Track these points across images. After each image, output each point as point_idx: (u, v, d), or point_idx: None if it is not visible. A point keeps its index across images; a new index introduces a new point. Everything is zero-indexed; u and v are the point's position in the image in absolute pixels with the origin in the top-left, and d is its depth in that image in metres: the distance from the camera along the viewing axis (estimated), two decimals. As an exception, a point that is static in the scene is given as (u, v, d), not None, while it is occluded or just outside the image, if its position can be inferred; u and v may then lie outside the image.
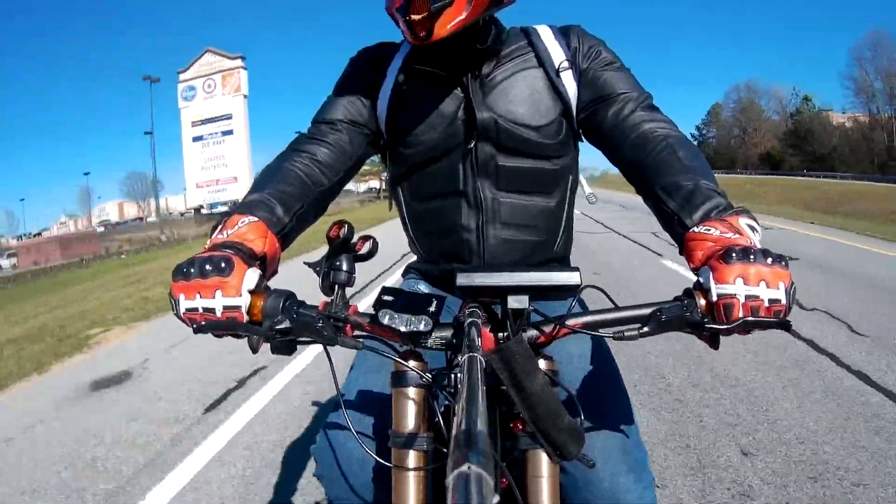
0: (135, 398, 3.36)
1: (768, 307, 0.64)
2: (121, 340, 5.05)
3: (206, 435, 2.68)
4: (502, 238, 1.01)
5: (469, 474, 0.33)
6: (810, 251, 8.09)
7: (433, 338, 0.70)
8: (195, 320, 0.68)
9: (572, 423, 0.57)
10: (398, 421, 0.74)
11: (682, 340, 3.48)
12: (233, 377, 3.49)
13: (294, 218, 0.89)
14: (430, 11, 0.82)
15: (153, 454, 2.54)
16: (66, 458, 2.61)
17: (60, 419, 3.13)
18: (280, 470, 2.29)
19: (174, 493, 2.18)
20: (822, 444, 2.30)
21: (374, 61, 1.06)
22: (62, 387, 3.75)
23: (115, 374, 3.91)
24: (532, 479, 0.72)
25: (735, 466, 2.16)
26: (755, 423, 2.52)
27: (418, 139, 1.01)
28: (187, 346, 4.31)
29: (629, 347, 3.41)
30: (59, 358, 4.55)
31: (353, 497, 0.89)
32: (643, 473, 0.88)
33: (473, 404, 0.43)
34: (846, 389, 2.86)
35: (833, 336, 3.77)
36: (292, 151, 1.00)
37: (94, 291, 10.05)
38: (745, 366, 3.25)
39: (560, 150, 1.02)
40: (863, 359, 3.30)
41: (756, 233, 0.75)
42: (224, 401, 3.13)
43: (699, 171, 0.86)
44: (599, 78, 0.99)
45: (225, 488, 2.19)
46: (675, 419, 2.61)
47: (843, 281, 5.78)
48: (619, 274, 6.48)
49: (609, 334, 0.69)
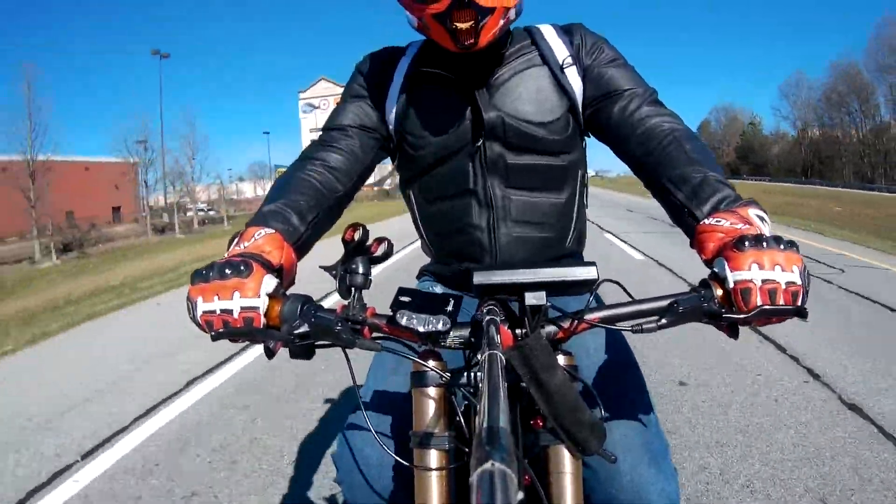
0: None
1: (785, 289, 0.64)
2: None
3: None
4: (514, 236, 1.02)
5: (493, 472, 0.32)
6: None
7: (451, 337, 0.70)
8: (212, 324, 0.69)
9: (593, 418, 0.57)
10: (419, 421, 0.74)
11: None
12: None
13: (310, 227, 0.90)
14: (478, 20, 0.85)
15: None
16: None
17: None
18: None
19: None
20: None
21: (381, 66, 1.06)
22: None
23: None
24: (555, 475, 0.71)
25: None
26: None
27: (427, 141, 1.02)
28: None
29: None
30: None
31: (375, 499, 0.89)
32: (664, 465, 0.87)
33: (495, 402, 0.43)
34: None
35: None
36: (305, 160, 1.00)
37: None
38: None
39: (567, 146, 1.02)
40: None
41: (766, 223, 0.75)
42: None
43: (706, 164, 0.86)
44: (604, 75, 1.00)
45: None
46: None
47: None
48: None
49: (627, 327, 0.69)
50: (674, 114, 0.97)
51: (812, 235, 10.47)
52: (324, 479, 2.21)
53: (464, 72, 1.00)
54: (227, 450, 2.51)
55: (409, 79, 1.04)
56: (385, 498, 0.88)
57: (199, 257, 10.65)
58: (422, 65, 1.04)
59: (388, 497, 0.88)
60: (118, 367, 3.86)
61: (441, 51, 1.00)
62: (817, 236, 10.44)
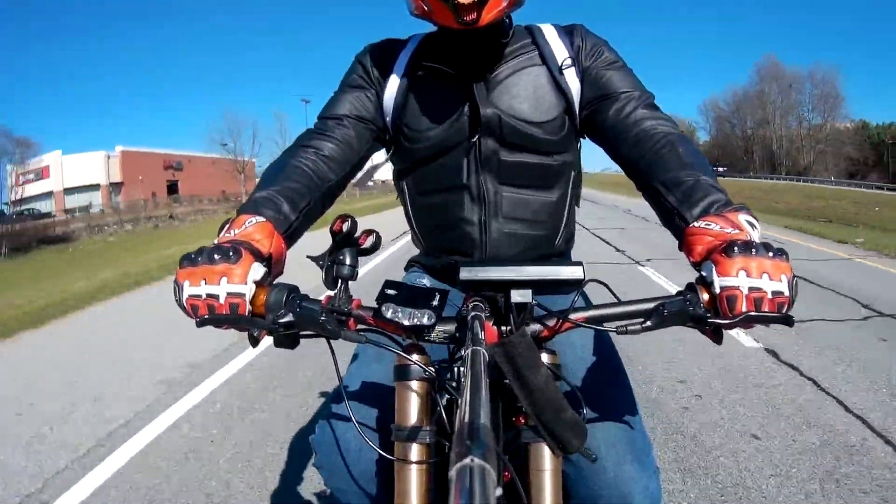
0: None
1: (771, 299, 0.64)
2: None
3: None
4: (504, 232, 1.02)
5: (472, 467, 0.32)
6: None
7: (436, 331, 0.70)
8: (197, 308, 0.69)
9: (574, 417, 0.57)
10: (401, 414, 0.74)
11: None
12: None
13: (301, 215, 0.89)
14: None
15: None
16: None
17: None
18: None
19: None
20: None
21: (380, 57, 1.06)
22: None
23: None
24: (534, 472, 0.72)
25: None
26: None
27: (424, 134, 1.02)
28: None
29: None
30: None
31: (353, 487, 0.89)
32: (647, 463, 0.88)
33: (477, 397, 0.43)
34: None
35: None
36: (298, 147, 0.99)
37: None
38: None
39: (562, 146, 1.03)
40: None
41: (755, 229, 0.76)
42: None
43: (699, 168, 0.87)
44: (602, 77, 1.00)
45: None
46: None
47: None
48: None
49: (612, 328, 0.69)
50: (669, 118, 0.97)
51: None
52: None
53: (464, 67, 1.00)
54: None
55: (409, 71, 1.03)
56: (364, 484, 0.88)
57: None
58: (422, 58, 1.04)
59: (367, 483, 0.88)
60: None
61: (442, 45, 0.99)
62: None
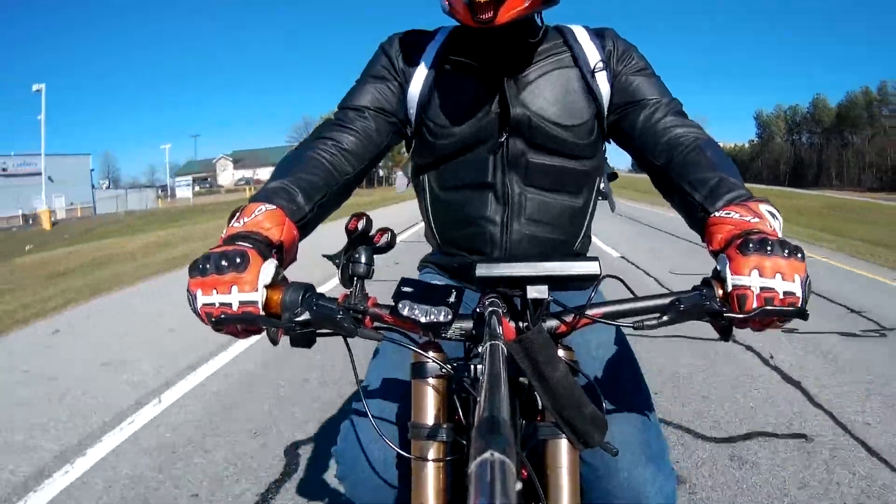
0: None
1: (783, 299, 0.64)
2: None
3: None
4: (525, 233, 1.01)
5: (492, 461, 0.32)
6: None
7: (453, 328, 0.70)
8: (212, 315, 0.68)
9: (594, 411, 0.57)
10: (418, 412, 0.74)
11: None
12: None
13: (315, 207, 0.88)
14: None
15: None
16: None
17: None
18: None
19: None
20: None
21: (407, 48, 1.03)
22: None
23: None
24: (552, 469, 0.71)
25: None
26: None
27: (450, 130, 1.00)
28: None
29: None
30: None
31: (376, 497, 0.88)
32: (662, 464, 0.87)
33: (496, 392, 0.43)
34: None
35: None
36: (317, 139, 0.97)
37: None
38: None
39: (590, 151, 1.02)
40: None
41: (777, 220, 0.75)
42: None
43: (725, 169, 0.87)
44: (632, 83, 0.99)
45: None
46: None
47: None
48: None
49: (629, 324, 0.69)
50: (697, 124, 0.97)
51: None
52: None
53: (494, 63, 0.98)
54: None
55: (437, 65, 1.01)
56: (387, 495, 0.87)
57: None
58: (451, 52, 1.02)
59: (389, 494, 0.87)
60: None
61: (472, 39, 0.97)
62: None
